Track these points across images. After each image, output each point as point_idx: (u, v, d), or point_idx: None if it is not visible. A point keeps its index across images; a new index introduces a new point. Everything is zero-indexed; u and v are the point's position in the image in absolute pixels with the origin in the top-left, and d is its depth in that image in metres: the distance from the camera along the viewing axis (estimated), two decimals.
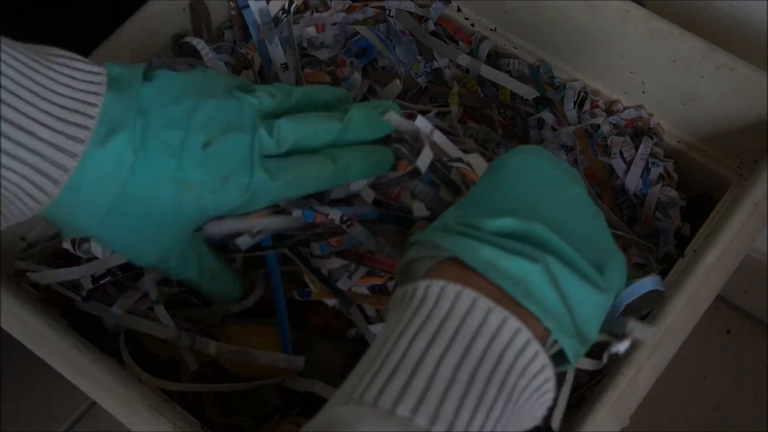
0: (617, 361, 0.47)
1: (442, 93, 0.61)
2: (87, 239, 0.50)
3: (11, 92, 0.39)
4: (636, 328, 0.40)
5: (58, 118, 0.40)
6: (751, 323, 0.84)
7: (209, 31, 0.64)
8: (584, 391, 0.49)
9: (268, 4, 0.62)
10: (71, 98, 0.41)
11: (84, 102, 0.41)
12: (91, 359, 0.47)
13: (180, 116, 0.44)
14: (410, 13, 0.65)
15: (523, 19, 0.63)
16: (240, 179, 0.44)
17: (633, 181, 0.58)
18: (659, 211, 0.57)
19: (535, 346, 0.35)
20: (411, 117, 0.49)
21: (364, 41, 0.63)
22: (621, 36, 0.58)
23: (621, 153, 0.58)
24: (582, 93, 0.61)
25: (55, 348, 0.48)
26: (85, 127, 0.41)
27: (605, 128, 0.59)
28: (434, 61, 0.63)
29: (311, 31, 0.63)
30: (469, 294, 0.35)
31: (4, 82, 0.39)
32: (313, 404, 0.51)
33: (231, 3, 0.63)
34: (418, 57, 0.63)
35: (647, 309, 0.47)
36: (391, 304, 0.38)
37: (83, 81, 0.42)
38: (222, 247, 0.51)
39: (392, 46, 0.63)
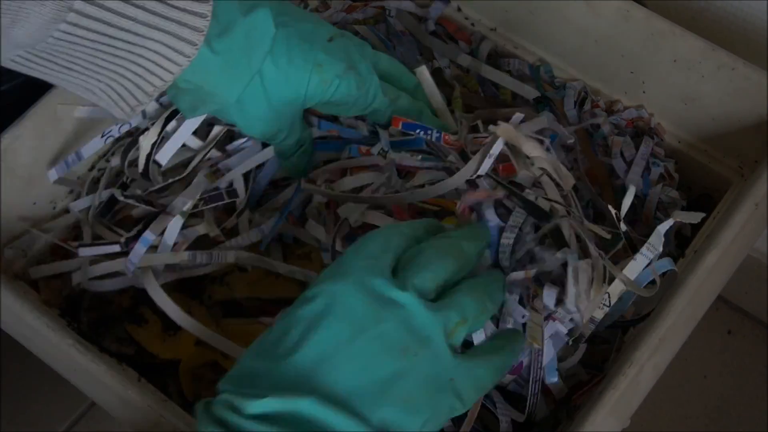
0: (617, 360, 0.47)
1: (443, 93, 0.61)
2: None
3: None
4: (681, 215, 0.44)
5: None
6: (751, 324, 0.84)
7: None
8: (585, 391, 0.49)
9: None
10: None
11: None
12: (91, 359, 0.47)
13: (303, 15, 0.51)
14: (410, 13, 0.65)
15: (523, 19, 0.62)
16: (362, 71, 0.51)
17: (633, 181, 0.57)
18: (660, 211, 0.57)
19: None
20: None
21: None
22: (621, 36, 0.58)
23: (621, 153, 0.58)
24: (582, 93, 0.61)
25: (55, 348, 0.48)
26: None
27: (606, 128, 0.59)
28: (434, 60, 0.63)
29: None
30: None
31: None
32: None
33: None
34: (419, 57, 0.63)
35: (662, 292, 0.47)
36: None
37: None
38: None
39: (392, 46, 0.63)
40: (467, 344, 0.43)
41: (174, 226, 0.53)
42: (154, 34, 0.42)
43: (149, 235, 0.52)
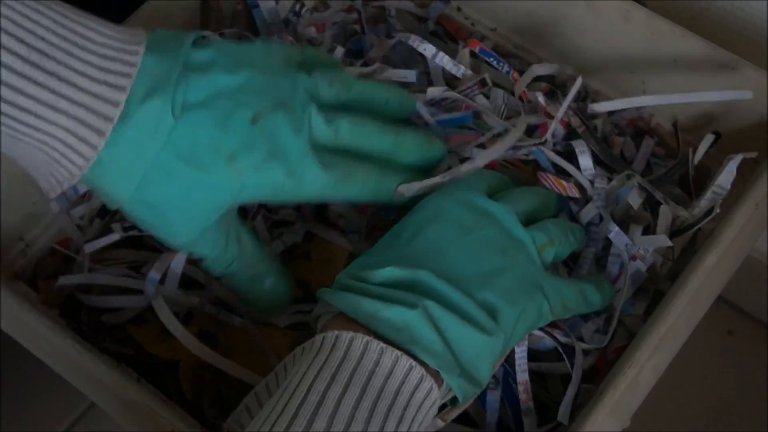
0: (617, 361, 0.47)
1: None
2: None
3: (50, 43, 0.38)
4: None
5: (99, 68, 0.39)
6: (752, 324, 0.84)
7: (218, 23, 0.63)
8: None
9: (277, 4, 0.63)
10: (112, 48, 0.40)
11: (125, 51, 0.40)
12: (91, 359, 0.47)
13: (230, 85, 0.42)
14: (410, 13, 0.65)
15: (523, 19, 0.62)
16: (287, 159, 0.43)
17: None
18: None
19: (428, 381, 0.37)
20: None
21: (364, 42, 0.63)
22: (621, 36, 0.58)
23: (622, 153, 0.58)
24: (582, 93, 0.61)
25: (55, 348, 0.48)
26: (128, 75, 0.40)
27: (606, 128, 0.59)
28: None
29: (311, 31, 0.63)
30: (361, 338, 0.37)
31: (42, 32, 0.38)
32: None
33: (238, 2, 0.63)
34: (419, 57, 0.63)
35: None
36: (293, 358, 0.40)
37: (123, 35, 0.41)
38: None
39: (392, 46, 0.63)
40: None
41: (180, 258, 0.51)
42: (59, 118, 0.39)
43: (155, 275, 0.51)
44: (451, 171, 0.47)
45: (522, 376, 0.47)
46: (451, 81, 0.58)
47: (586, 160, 0.53)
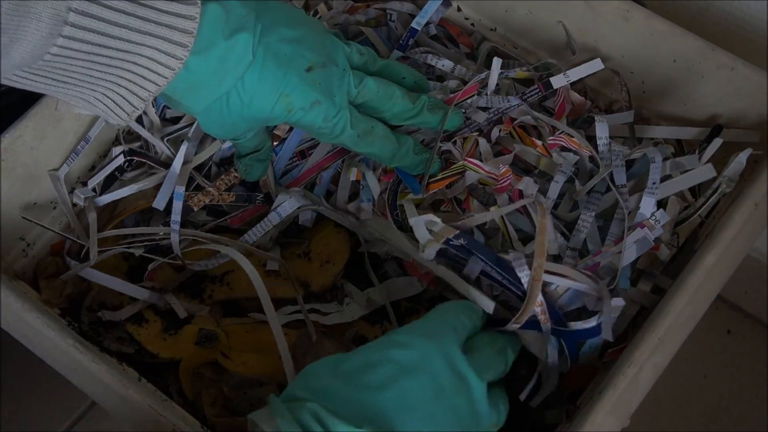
0: (617, 360, 0.47)
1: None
2: None
3: None
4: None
5: None
6: (751, 323, 0.84)
7: None
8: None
9: None
10: None
11: None
12: (91, 359, 0.47)
13: (291, 37, 0.49)
14: (411, 15, 0.65)
15: (523, 19, 0.62)
16: (328, 110, 0.50)
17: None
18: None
19: None
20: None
21: (366, 42, 0.63)
22: (621, 36, 0.58)
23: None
24: (582, 92, 0.61)
25: (55, 348, 0.48)
26: (195, 4, 0.44)
27: None
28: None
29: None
30: None
31: None
32: None
33: None
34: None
35: None
36: None
37: None
38: None
39: (394, 49, 0.63)
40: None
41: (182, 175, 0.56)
42: (147, 39, 0.43)
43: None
44: None
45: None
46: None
47: (603, 129, 0.54)
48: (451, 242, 0.50)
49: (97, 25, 0.40)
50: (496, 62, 0.56)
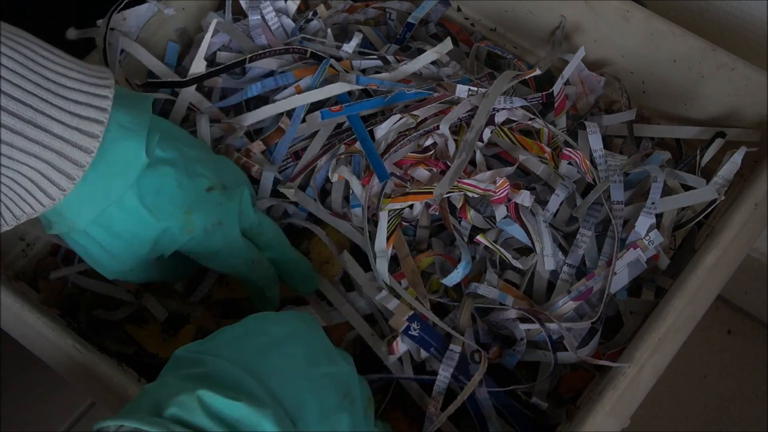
0: (617, 361, 0.47)
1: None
2: None
3: (25, 90, 0.39)
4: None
5: (72, 113, 0.40)
6: (751, 323, 0.84)
7: None
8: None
9: (285, 3, 0.63)
10: (82, 92, 0.41)
11: (97, 96, 0.41)
12: (91, 359, 0.47)
13: (191, 156, 0.46)
14: (410, 15, 0.65)
15: (523, 19, 0.62)
16: (229, 230, 0.48)
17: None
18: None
19: None
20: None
21: (365, 44, 0.63)
22: (621, 36, 0.58)
23: (621, 153, 0.58)
24: None
25: (55, 348, 0.48)
26: (100, 122, 0.41)
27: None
28: None
29: (316, 24, 0.63)
30: None
31: (17, 80, 0.39)
32: None
33: None
34: None
35: None
36: None
37: (91, 76, 0.42)
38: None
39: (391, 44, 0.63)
40: None
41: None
42: (36, 149, 0.40)
43: None
44: None
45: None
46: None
47: (596, 141, 0.53)
48: (408, 332, 0.50)
49: None
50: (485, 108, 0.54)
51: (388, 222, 0.52)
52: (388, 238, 0.52)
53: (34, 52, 0.40)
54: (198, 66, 0.59)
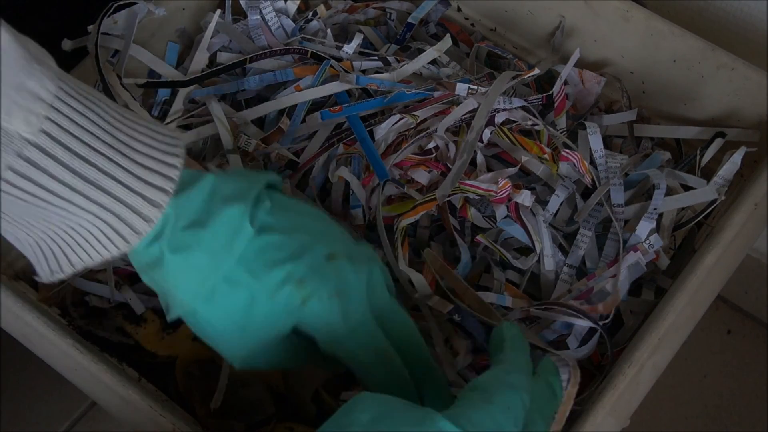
0: (617, 360, 0.47)
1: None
2: None
3: (93, 148, 0.38)
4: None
5: (138, 178, 0.39)
6: (751, 323, 0.84)
7: None
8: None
9: (285, 3, 0.63)
10: (151, 157, 0.40)
11: (165, 163, 0.40)
12: (91, 359, 0.47)
13: (306, 224, 0.42)
14: (410, 14, 0.65)
15: (523, 19, 0.62)
16: (352, 305, 0.42)
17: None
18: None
19: None
20: None
21: (365, 44, 0.63)
22: (621, 36, 0.58)
23: (621, 153, 0.58)
24: None
25: (55, 348, 0.48)
26: (165, 191, 0.39)
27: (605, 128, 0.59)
28: None
29: (316, 24, 0.63)
30: None
31: (86, 137, 0.38)
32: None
33: None
34: None
35: None
36: None
37: (163, 141, 0.41)
38: None
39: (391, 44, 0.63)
40: None
41: None
42: (95, 208, 0.38)
43: None
44: None
45: None
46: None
47: (596, 142, 0.53)
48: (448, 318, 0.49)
49: (40, 177, 0.37)
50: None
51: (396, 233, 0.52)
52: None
53: (106, 112, 0.39)
54: (199, 61, 0.59)
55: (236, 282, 0.41)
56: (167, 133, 0.41)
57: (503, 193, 0.51)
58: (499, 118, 0.55)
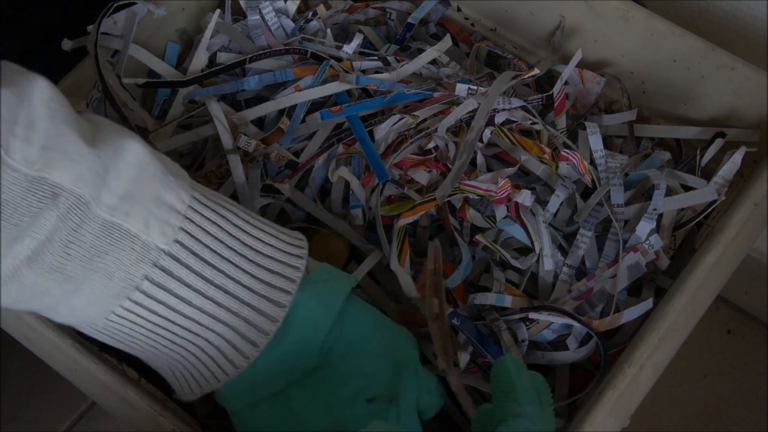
0: (617, 361, 0.47)
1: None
2: None
3: (221, 255, 0.39)
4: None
5: (262, 281, 0.40)
6: (751, 323, 0.84)
7: None
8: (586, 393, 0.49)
9: (285, 3, 0.63)
10: (275, 260, 0.41)
11: (288, 265, 0.41)
12: (91, 359, 0.47)
13: (361, 370, 0.43)
14: (410, 14, 0.65)
15: (523, 19, 0.62)
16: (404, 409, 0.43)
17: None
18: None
19: None
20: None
21: (365, 44, 0.63)
22: (621, 36, 0.58)
23: (621, 153, 0.58)
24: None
25: (55, 348, 0.48)
26: (288, 292, 0.41)
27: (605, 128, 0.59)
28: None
29: (315, 24, 0.63)
30: None
31: (216, 245, 0.39)
32: None
33: None
34: None
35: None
36: None
37: (287, 242, 0.42)
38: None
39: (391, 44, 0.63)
40: None
41: None
42: (218, 326, 0.40)
43: None
44: None
45: None
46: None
47: (596, 142, 0.53)
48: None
49: (167, 298, 0.38)
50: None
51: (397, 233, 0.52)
52: (399, 253, 0.51)
53: (235, 215, 0.40)
54: (199, 62, 0.59)
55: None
56: (291, 234, 0.43)
57: (503, 193, 0.51)
58: (499, 118, 0.55)
